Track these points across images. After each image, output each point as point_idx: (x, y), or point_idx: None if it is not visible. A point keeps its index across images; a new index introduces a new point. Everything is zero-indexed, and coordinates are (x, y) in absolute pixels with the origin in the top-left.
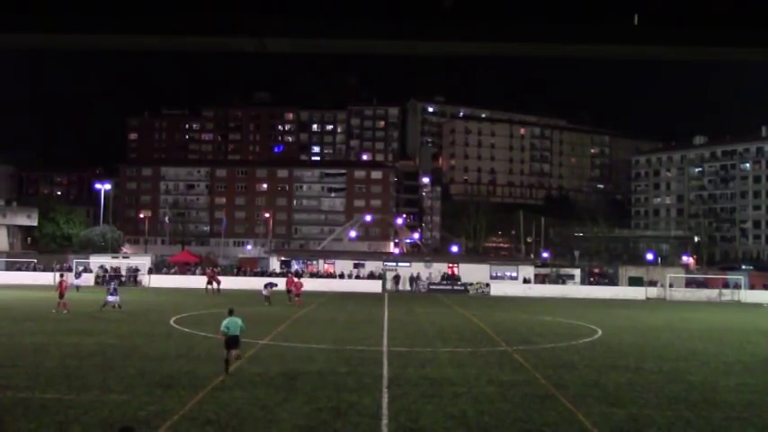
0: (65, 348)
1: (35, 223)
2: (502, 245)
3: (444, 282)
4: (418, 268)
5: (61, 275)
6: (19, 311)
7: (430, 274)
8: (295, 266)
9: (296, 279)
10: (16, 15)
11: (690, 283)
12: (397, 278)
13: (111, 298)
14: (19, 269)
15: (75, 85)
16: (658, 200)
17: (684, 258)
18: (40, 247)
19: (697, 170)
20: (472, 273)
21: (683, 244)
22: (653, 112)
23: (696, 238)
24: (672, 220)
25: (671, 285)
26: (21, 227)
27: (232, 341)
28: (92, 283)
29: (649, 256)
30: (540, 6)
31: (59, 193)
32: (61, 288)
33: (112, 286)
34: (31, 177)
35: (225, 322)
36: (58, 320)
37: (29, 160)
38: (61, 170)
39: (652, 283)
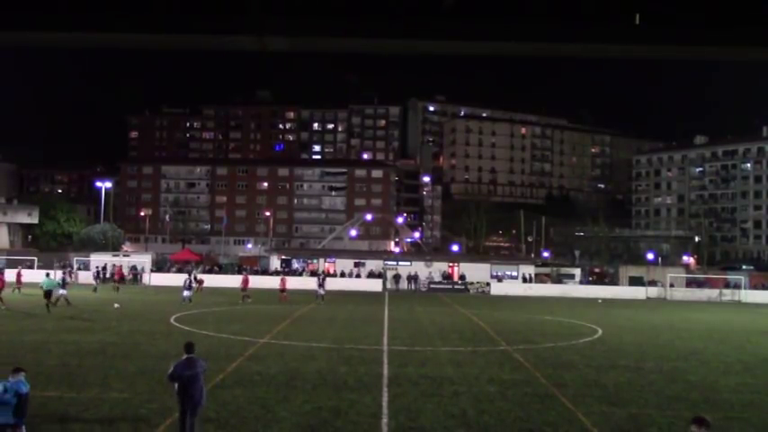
0: (65, 346)
1: (36, 221)
2: (502, 244)
3: (446, 281)
4: (419, 267)
5: (1, 272)
6: (19, 309)
7: (430, 273)
8: (296, 265)
9: (245, 274)
10: (17, 12)
11: (690, 283)
12: (397, 277)
13: (186, 293)
14: (29, 267)
15: (76, 83)
16: (659, 199)
17: (685, 258)
18: (41, 244)
19: (698, 170)
20: (472, 272)
21: (684, 244)
22: (654, 112)
23: (697, 238)
24: (672, 220)
25: (671, 285)
26: (21, 225)
27: (47, 293)
28: (92, 280)
29: (650, 256)
30: (541, 5)
31: (60, 191)
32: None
33: (188, 281)
34: (32, 175)
35: (43, 281)
36: (58, 318)
37: (30, 158)
38: (62, 168)
39: (652, 283)
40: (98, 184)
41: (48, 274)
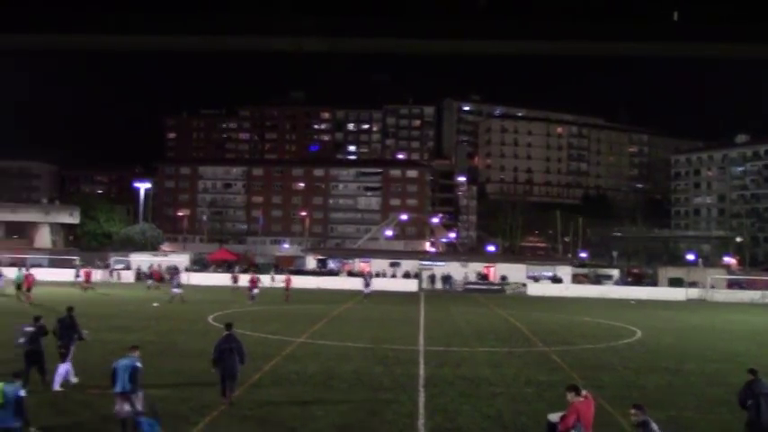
0: (107, 345)
1: (77, 221)
2: (538, 244)
3: (482, 281)
4: (454, 268)
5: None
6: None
7: (466, 273)
8: (332, 265)
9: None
10: (57, 16)
11: (732, 285)
12: (432, 277)
13: (255, 291)
14: (83, 266)
15: (116, 85)
16: (699, 199)
17: (726, 259)
18: (82, 244)
19: (739, 169)
20: (508, 272)
21: (725, 244)
22: (693, 111)
23: (738, 239)
24: (713, 220)
25: (712, 286)
26: (63, 225)
27: (18, 286)
28: (132, 279)
29: (690, 257)
30: (578, 4)
31: (100, 191)
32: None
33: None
34: (73, 176)
35: (15, 275)
36: (100, 317)
37: (70, 159)
38: (102, 169)
39: (692, 284)
40: (137, 184)
41: (19, 269)
